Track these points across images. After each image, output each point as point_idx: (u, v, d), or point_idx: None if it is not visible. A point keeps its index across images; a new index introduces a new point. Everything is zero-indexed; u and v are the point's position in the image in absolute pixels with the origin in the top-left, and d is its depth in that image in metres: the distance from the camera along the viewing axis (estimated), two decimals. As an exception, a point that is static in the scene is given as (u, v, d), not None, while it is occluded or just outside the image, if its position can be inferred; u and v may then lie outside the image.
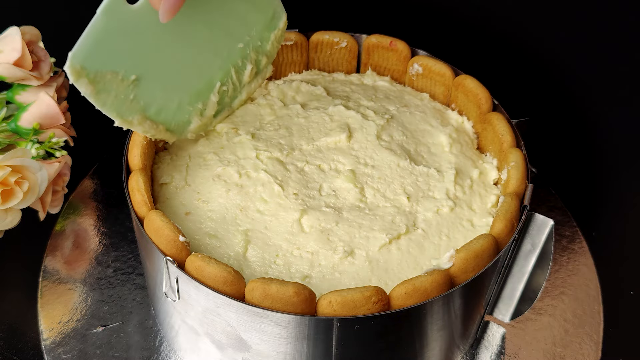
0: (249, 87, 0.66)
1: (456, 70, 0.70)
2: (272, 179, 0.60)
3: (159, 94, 0.58)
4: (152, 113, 0.59)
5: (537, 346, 0.66)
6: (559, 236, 0.76)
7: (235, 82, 0.64)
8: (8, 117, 0.69)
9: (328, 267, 0.56)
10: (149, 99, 0.58)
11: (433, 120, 0.68)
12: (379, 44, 0.72)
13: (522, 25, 0.84)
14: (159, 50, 0.57)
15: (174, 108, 0.60)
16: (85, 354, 0.64)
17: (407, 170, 0.63)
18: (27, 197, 0.63)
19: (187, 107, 0.61)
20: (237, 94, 0.66)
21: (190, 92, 0.61)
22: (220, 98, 0.64)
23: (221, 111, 0.65)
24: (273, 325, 0.51)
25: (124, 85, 0.55)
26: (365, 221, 0.58)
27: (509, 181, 0.60)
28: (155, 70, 0.57)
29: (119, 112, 0.56)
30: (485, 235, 0.55)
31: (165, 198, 0.61)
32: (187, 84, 0.61)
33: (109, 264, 0.71)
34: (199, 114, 0.63)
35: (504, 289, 0.62)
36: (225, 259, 0.56)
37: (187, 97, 0.61)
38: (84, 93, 0.53)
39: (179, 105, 0.61)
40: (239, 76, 0.65)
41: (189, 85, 0.61)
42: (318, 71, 0.75)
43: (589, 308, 0.69)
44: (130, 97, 0.56)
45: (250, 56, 0.64)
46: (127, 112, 0.57)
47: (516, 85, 0.84)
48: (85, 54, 0.52)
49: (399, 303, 0.51)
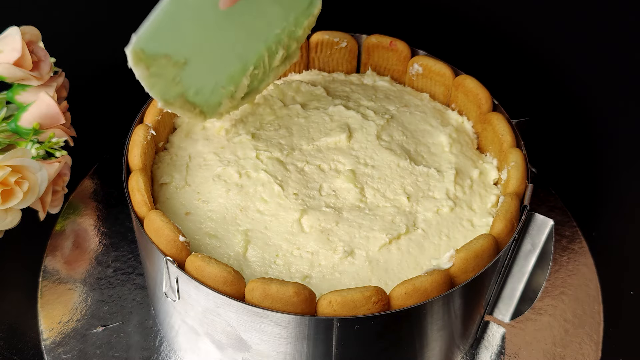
0: (276, 70, 0.66)
1: (456, 70, 0.70)
2: (272, 179, 0.60)
3: (200, 76, 0.59)
4: (191, 95, 0.59)
5: (537, 346, 0.66)
6: (559, 236, 0.76)
7: (267, 65, 0.64)
8: (8, 117, 0.69)
9: (328, 267, 0.56)
10: (191, 81, 0.58)
11: (433, 120, 0.68)
12: (379, 44, 0.72)
13: (522, 25, 0.84)
14: (208, 34, 0.57)
15: (210, 90, 0.61)
16: (85, 354, 0.64)
17: (407, 170, 0.63)
18: (27, 197, 0.63)
19: (221, 89, 0.62)
20: (265, 77, 0.66)
21: (227, 75, 0.61)
22: (251, 81, 0.64)
23: (249, 93, 0.65)
24: (273, 325, 0.51)
25: (173, 69, 0.56)
26: (365, 221, 0.58)
27: (509, 181, 0.60)
28: (202, 53, 0.58)
29: (163, 95, 0.57)
30: (485, 235, 0.55)
31: (165, 198, 0.61)
32: (225, 67, 0.61)
33: (109, 264, 0.71)
34: (229, 95, 0.63)
35: (504, 289, 0.62)
36: (225, 259, 0.56)
37: (222, 80, 0.61)
38: (139, 76, 0.54)
39: (214, 88, 0.61)
40: (271, 60, 0.65)
41: (227, 69, 0.61)
42: (318, 71, 0.75)
43: (589, 308, 0.69)
44: (176, 80, 0.57)
45: (284, 41, 0.64)
46: (170, 94, 0.57)
47: (516, 85, 0.84)
48: (147, 38, 0.53)
49: (399, 303, 0.51)
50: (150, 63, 0.54)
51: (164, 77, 0.56)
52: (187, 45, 0.56)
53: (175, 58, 0.56)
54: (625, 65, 0.78)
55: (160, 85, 0.56)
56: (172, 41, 0.55)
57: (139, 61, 0.53)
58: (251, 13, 0.60)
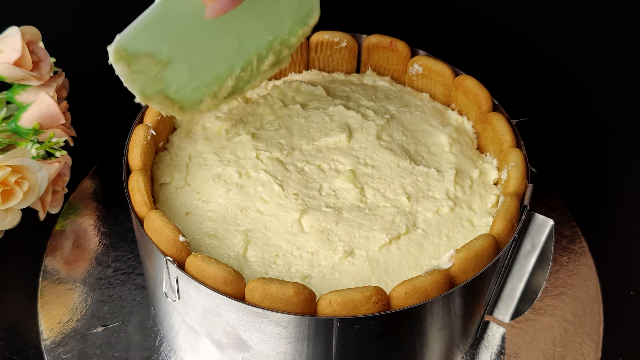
0: (264, 74, 0.66)
1: (456, 70, 0.70)
2: (272, 179, 0.60)
3: (184, 75, 0.59)
4: (171, 92, 0.59)
5: (537, 346, 0.66)
6: (559, 236, 0.76)
7: (254, 69, 0.65)
8: (8, 117, 0.69)
9: (328, 267, 0.56)
10: (173, 79, 0.59)
11: (433, 120, 0.68)
12: (379, 44, 0.72)
13: (522, 25, 0.84)
14: (196, 36, 0.58)
15: (192, 88, 0.61)
16: (85, 354, 0.64)
17: (407, 170, 0.63)
18: (27, 197, 0.63)
19: (203, 88, 0.62)
20: (251, 79, 0.66)
21: (211, 75, 0.62)
22: (235, 83, 0.64)
23: (233, 93, 0.65)
24: (273, 325, 0.51)
25: (156, 67, 0.56)
26: (365, 221, 0.58)
27: (509, 181, 0.60)
28: (187, 54, 0.58)
29: (142, 90, 0.57)
30: (485, 235, 0.55)
31: (165, 198, 0.61)
32: (210, 68, 0.61)
33: (109, 264, 0.71)
34: (212, 95, 0.63)
35: (504, 289, 0.62)
36: (225, 259, 0.56)
37: (206, 80, 0.62)
38: (119, 73, 0.55)
39: (197, 86, 0.61)
40: (259, 65, 0.65)
41: (212, 69, 0.61)
42: (318, 71, 0.75)
43: (589, 308, 0.69)
44: (158, 77, 0.57)
45: (275, 47, 0.65)
46: (150, 90, 0.58)
47: (516, 85, 0.84)
48: (131, 38, 0.54)
49: (399, 303, 0.51)
50: (131, 61, 0.55)
51: (146, 74, 0.56)
52: (172, 46, 0.57)
53: (158, 57, 0.56)
54: (625, 65, 0.78)
55: (140, 81, 0.57)
56: (157, 42, 0.55)
57: (120, 59, 0.54)
58: (243, 20, 0.60)
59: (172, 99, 0.60)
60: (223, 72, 0.62)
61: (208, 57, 0.60)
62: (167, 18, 0.55)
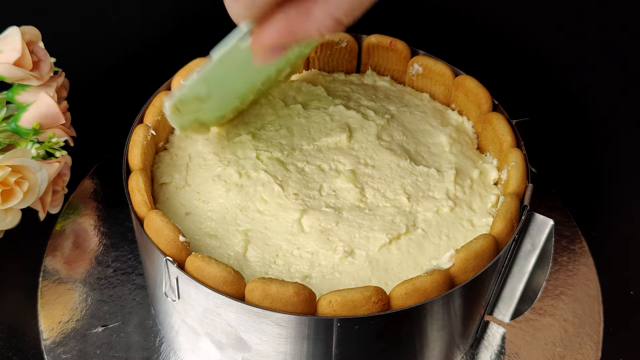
0: (279, 83, 0.68)
1: (456, 70, 0.70)
2: (272, 179, 0.60)
3: (216, 103, 0.60)
4: (203, 117, 0.61)
5: (537, 346, 0.66)
6: (559, 236, 0.75)
7: (272, 81, 0.66)
8: (8, 117, 0.69)
9: (328, 267, 0.56)
10: (208, 108, 0.60)
11: (433, 120, 0.68)
12: (379, 44, 0.72)
13: (522, 25, 0.84)
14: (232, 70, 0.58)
15: (219, 109, 0.62)
16: (85, 354, 0.64)
17: (407, 170, 0.63)
18: (27, 197, 0.63)
19: (227, 105, 0.63)
20: (268, 89, 0.67)
21: (237, 95, 0.63)
22: (255, 96, 0.65)
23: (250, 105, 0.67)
24: (273, 325, 0.51)
25: (198, 104, 0.58)
26: (365, 221, 0.58)
27: (509, 181, 0.60)
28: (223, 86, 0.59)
29: (181, 124, 0.60)
30: (485, 235, 0.55)
31: (165, 198, 0.61)
32: (237, 90, 0.62)
33: (109, 264, 0.71)
34: (235, 110, 0.64)
35: (504, 289, 0.62)
36: (225, 259, 0.56)
37: (233, 101, 0.63)
38: (167, 115, 0.58)
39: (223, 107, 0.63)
40: (277, 77, 0.66)
41: (238, 91, 0.62)
42: (318, 71, 0.75)
43: (589, 308, 0.69)
44: (197, 111, 0.59)
45: (292, 60, 0.66)
46: (187, 121, 0.60)
47: (516, 85, 0.84)
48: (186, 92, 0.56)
49: (399, 303, 0.51)
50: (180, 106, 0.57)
51: (189, 112, 0.58)
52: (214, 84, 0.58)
53: (201, 96, 0.58)
54: (625, 65, 0.78)
55: (183, 118, 0.59)
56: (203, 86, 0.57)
57: (175, 111, 0.57)
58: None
59: (203, 122, 0.62)
60: (246, 90, 0.63)
61: (237, 83, 0.61)
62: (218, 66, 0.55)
